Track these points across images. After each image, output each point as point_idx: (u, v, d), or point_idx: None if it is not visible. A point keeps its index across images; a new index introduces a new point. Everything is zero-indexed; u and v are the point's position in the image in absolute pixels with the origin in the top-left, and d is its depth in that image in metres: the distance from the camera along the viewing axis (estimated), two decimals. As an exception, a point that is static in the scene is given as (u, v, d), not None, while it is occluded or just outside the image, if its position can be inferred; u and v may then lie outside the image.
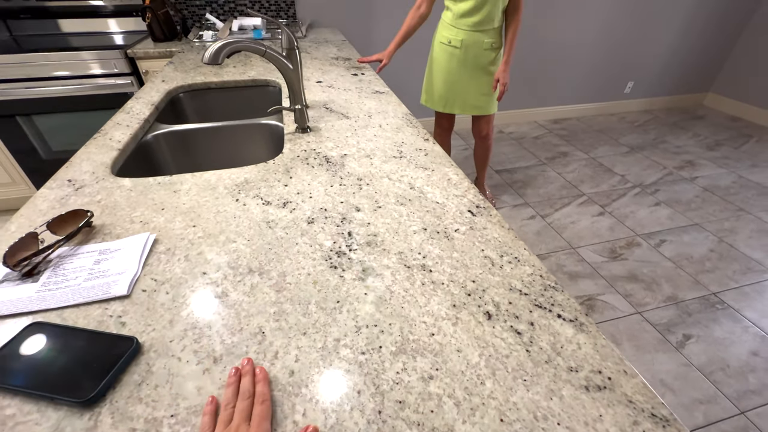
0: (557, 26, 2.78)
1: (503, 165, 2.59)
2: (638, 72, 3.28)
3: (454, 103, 1.75)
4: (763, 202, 2.24)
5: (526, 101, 3.15)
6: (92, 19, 1.95)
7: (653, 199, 2.26)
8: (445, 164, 0.79)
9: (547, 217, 2.09)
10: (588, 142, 2.94)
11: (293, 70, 0.91)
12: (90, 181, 0.72)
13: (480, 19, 1.50)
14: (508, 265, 0.54)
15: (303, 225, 0.61)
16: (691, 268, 1.76)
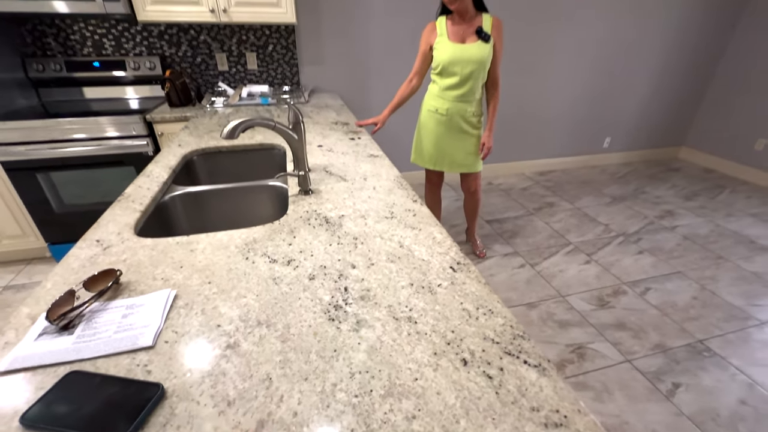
0: (539, 87, 3.08)
1: (493, 215, 2.73)
2: (614, 128, 3.56)
3: (443, 162, 1.92)
4: (741, 250, 2.35)
5: (513, 154, 3.38)
6: (113, 87, 2.16)
7: (636, 247, 2.37)
8: (431, 224, 0.90)
9: (536, 265, 2.17)
10: (573, 193, 3.12)
11: (298, 140, 1.04)
12: (116, 242, 0.81)
13: (463, 92, 1.71)
14: (483, 316, 0.62)
15: (305, 281, 0.70)
16: (676, 315, 1.82)
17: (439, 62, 1.67)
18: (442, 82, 1.72)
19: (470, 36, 1.62)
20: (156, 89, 2.21)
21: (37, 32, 2.01)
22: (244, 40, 2.30)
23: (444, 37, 1.64)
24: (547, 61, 2.97)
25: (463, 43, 1.62)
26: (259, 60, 2.38)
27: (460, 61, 1.62)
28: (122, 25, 2.10)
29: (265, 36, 2.32)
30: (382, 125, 1.83)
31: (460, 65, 1.63)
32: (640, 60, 3.23)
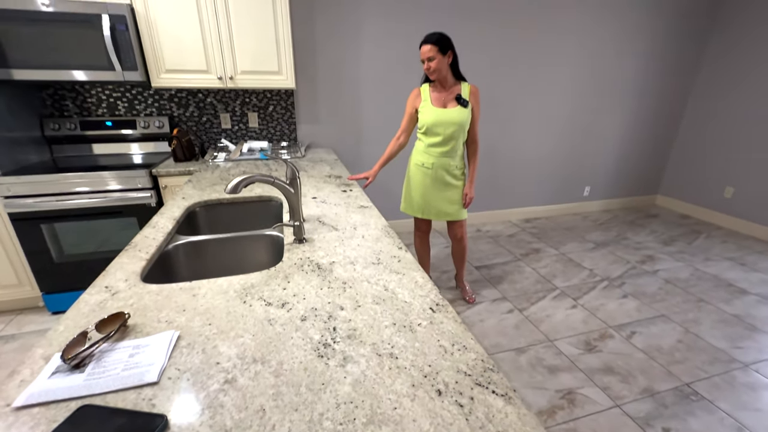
0: (522, 141, 3.34)
1: (482, 261, 2.81)
2: (593, 178, 3.79)
3: (430, 211, 2.06)
4: (720, 293, 2.44)
5: (500, 203, 3.55)
6: (121, 144, 2.32)
7: (621, 291, 2.44)
8: (414, 269, 0.99)
9: (524, 310, 2.22)
10: (557, 239, 3.24)
11: (294, 193, 1.16)
12: (123, 288, 0.88)
13: (446, 150, 1.90)
14: (458, 352, 0.69)
15: (297, 322, 0.77)
16: (662, 359, 1.85)
17: (424, 124, 1.87)
18: (427, 140, 1.92)
19: (450, 102, 1.84)
20: (162, 145, 2.38)
21: (57, 96, 2.21)
22: (247, 102, 2.53)
23: (427, 102, 1.86)
24: (528, 118, 3.26)
25: (445, 108, 1.84)
26: (260, 119, 2.59)
27: (442, 123, 1.83)
28: (136, 90, 2.31)
29: (267, 98, 2.56)
30: (372, 179, 1.98)
31: (442, 127, 1.83)
32: (611, 117, 3.55)
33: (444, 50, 1.72)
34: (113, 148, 2.31)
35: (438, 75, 1.76)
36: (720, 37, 3.45)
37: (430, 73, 1.77)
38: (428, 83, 1.89)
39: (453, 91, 1.84)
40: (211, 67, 2.11)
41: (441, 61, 1.73)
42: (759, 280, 2.59)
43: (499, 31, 2.88)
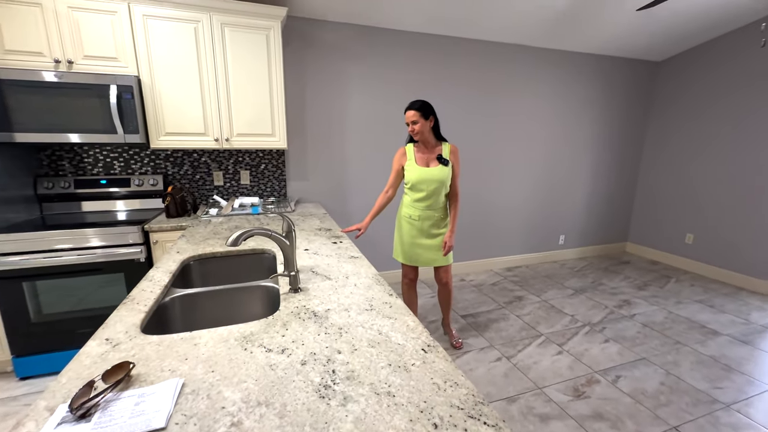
0: (497, 192, 3.57)
1: (467, 310, 2.86)
2: (566, 227, 4.03)
3: (417, 259, 2.17)
4: (695, 335, 2.54)
5: (482, 253, 3.68)
6: (113, 201, 2.37)
7: (602, 336, 2.51)
8: (405, 314, 1.05)
9: (512, 358, 2.24)
10: (538, 286, 3.35)
11: (289, 245, 1.23)
12: (124, 339, 0.90)
13: (430, 203, 2.08)
14: (450, 388, 0.74)
15: (298, 366, 0.81)
16: (648, 402, 1.88)
17: (409, 180, 2.06)
18: (413, 195, 2.09)
19: (433, 161, 2.04)
20: (154, 202, 2.44)
21: (54, 156, 2.29)
22: (240, 161, 2.67)
23: (412, 161, 2.05)
24: (505, 172, 3.53)
25: (428, 166, 2.03)
26: (252, 176, 2.72)
27: (425, 180, 2.01)
28: (134, 150, 2.43)
29: (259, 157, 2.71)
30: (364, 231, 2.09)
31: (426, 183, 2.02)
32: (578, 171, 3.88)
33: (426, 115, 1.95)
34: (105, 206, 2.35)
35: (421, 137, 1.99)
36: (660, 99, 3.96)
37: (414, 135, 1.98)
38: (413, 143, 2.09)
39: (435, 151, 2.05)
40: (209, 130, 2.27)
41: (424, 125, 1.95)
42: (728, 321, 2.73)
43: (476, 94, 3.23)
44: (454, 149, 2.08)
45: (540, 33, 3.11)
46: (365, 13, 2.65)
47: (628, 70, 3.84)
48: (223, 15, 2.14)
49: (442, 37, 3.03)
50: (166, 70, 2.12)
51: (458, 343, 2.34)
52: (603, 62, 3.69)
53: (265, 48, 2.27)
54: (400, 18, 2.74)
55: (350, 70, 2.84)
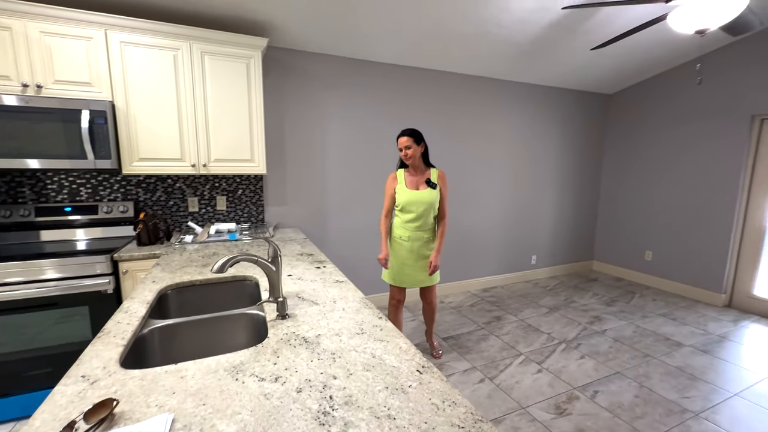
0: (472, 216, 3.68)
1: (448, 332, 2.87)
2: (537, 248, 4.20)
3: (405, 280, 2.28)
4: (661, 347, 2.68)
5: (460, 274, 3.74)
6: (78, 229, 2.24)
7: (578, 352, 2.59)
8: (397, 336, 1.06)
9: (494, 378, 2.26)
10: (514, 306, 3.43)
11: (275, 271, 1.22)
12: (102, 375, 0.85)
13: (419, 224, 2.20)
14: (449, 408, 0.75)
15: (293, 394, 0.79)
16: (625, 415, 1.94)
17: (400, 203, 2.17)
18: (403, 216, 2.20)
19: (422, 185, 2.17)
20: (124, 229, 2.33)
21: (14, 183, 2.15)
22: (216, 186, 2.62)
23: (402, 185, 2.18)
24: (479, 199, 3.66)
25: (417, 189, 2.16)
26: (229, 202, 2.68)
27: (415, 203, 2.14)
28: (103, 176, 2.33)
29: (236, 183, 2.68)
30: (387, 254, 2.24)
31: (415, 206, 2.14)
32: (546, 193, 4.10)
33: (418, 141, 2.12)
34: (68, 234, 2.21)
35: (413, 161, 2.13)
36: (614, 128, 4.32)
37: (407, 159, 2.12)
38: (403, 168, 2.22)
39: (424, 175, 2.20)
40: (186, 156, 2.23)
41: (416, 150, 2.11)
42: (689, 333, 2.90)
43: (448, 122, 3.39)
44: (441, 174, 2.23)
45: (505, 67, 3.35)
46: (343, 46, 2.77)
47: (584, 102, 4.18)
48: (204, 44, 2.17)
49: (417, 69, 3.20)
50: (142, 95, 2.09)
51: (438, 354, 2.50)
52: (563, 94, 4.01)
53: (245, 76, 2.30)
54: (376, 51, 2.87)
55: (330, 98, 2.92)
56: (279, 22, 2.40)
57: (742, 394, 2.14)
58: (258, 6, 2.22)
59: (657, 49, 3.22)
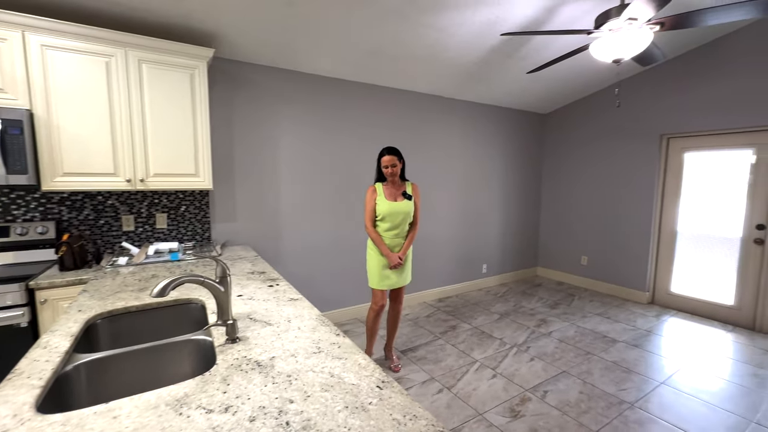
0: (429, 229, 3.77)
1: (406, 345, 2.87)
2: (488, 257, 4.39)
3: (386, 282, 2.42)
4: (599, 344, 2.90)
5: (416, 286, 3.79)
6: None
7: (528, 355, 2.72)
8: (355, 353, 1.04)
9: (452, 388, 2.29)
10: (468, 314, 3.54)
11: (224, 292, 1.15)
12: (13, 425, 0.73)
13: (397, 232, 2.41)
14: (410, 422, 0.75)
15: (246, 424, 0.74)
16: (572, 412, 2.06)
17: (380, 213, 2.36)
18: (383, 225, 2.39)
19: (399, 197, 2.38)
20: (43, 253, 2.06)
21: None
22: (156, 203, 2.43)
23: (382, 197, 2.37)
24: (433, 211, 3.77)
25: (395, 201, 2.37)
26: (170, 219, 2.49)
27: (394, 213, 2.34)
28: (16, 193, 2.06)
29: (179, 199, 2.50)
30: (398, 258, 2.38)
31: (394, 216, 2.35)
32: (493, 204, 4.33)
33: (400, 159, 2.35)
34: (-32, 261, 1.91)
35: (393, 177, 2.34)
36: (550, 145, 4.72)
37: (391, 175, 2.33)
38: (381, 182, 2.41)
39: (401, 188, 2.41)
40: (120, 170, 2.05)
41: (398, 167, 2.33)
42: (622, 329, 3.19)
43: (401, 137, 3.48)
44: (415, 186, 2.48)
45: (453, 86, 3.54)
46: (293, 60, 2.75)
47: (524, 120, 4.53)
48: (142, 51, 2.03)
49: (369, 85, 3.26)
50: (69, 104, 1.89)
51: (397, 368, 2.54)
52: (505, 113, 4.31)
53: (189, 86, 2.19)
54: (324, 66, 2.89)
55: (282, 112, 2.86)
56: (227, 33, 2.33)
57: (667, 382, 2.38)
58: (205, 16, 2.14)
59: (583, 75, 3.60)
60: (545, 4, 2.36)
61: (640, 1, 1.61)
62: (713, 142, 3.40)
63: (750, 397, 2.22)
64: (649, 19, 1.83)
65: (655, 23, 1.85)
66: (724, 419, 2.02)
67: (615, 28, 1.90)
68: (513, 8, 2.35)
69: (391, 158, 2.31)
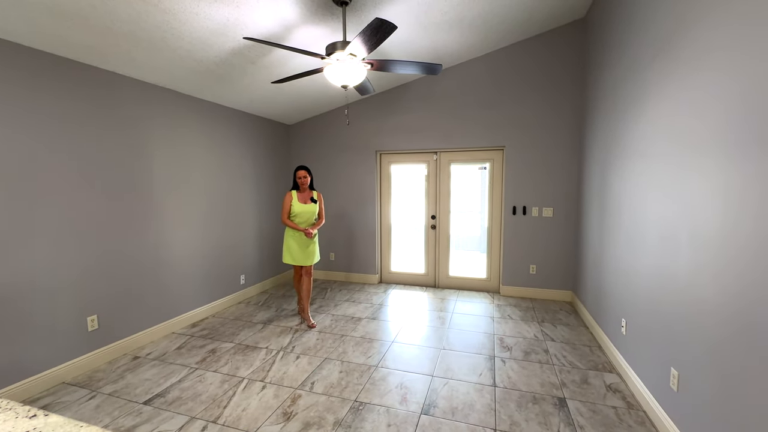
0: (169, 247, 3.14)
1: (150, 393, 2.31)
2: (244, 266, 4.21)
3: (300, 260, 3.35)
4: (350, 325, 3.41)
5: (155, 317, 3.10)
6: None
7: (294, 355, 2.83)
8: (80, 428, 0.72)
9: (219, 418, 2.04)
10: (230, 331, 3.27)
11: None
12: None
13: (307, 225, 3.36)
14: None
15: None
16: (335, 391, 2.32)
17: (294, 212, 3.32)
18: (296, 220, 3.35)
19: (308, 201, 3.37)
20: None
21: None
22: None
23: (296, 200, 3.33)
24: (174, 226, 3.16)
25: (305, 204, 3.35)
26: None
27: (304, 212, 3.35)
28: None
29: None
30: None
31: (304, 214, 3.35)
32: (243, 217, 4.18)
33: (310, 173, 3.39)
34: None
35: (305, 186, 3.34)
36: (296, 153, 5.10)
37: (302, 184, 3.34)
38: (295, 190, 3.38)
39: (309, 194, 3.41)
40: None
41: (308, 178, 3.36)
42: (364, 308, 3.89)
43: (130, 135, 2.72)
44: (319, 194, 3.50)
45: (192, 83, 3.15)
46: None
47: (270, 129, 4.66)
48: None
49: (62, 58, 2.37)
50: None
51: (312, 324, 3.38)
52: (252, 120, 4.27)
53: None
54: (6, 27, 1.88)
55: None
56: None
57: (396, 340, 3.10)
58: None
59: (321, 93, 4.10)
60: (283, 21, 2.51)
61: (357, 42, 2.01)
62: (405, 158, 4.73)
63: (438, 332, 3.25)
64: (364, 58, 2.31)
65: (368, 62, 2.36)
66: (427, 353, 2.85)
67: (341, 59, 2.27)
68: (252, 13, 2.36)
69: (304, 172, 3.35)
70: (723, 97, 1.45)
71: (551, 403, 2.18)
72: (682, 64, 1.75)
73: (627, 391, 2.29)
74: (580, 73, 3.78)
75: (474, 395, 2.27)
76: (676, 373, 1.76)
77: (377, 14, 2.68)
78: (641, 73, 2.23)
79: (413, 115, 4.48)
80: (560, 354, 2.81)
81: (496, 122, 4.15)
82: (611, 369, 2.56)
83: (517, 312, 3.74)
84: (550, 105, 3.95)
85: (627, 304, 2.42)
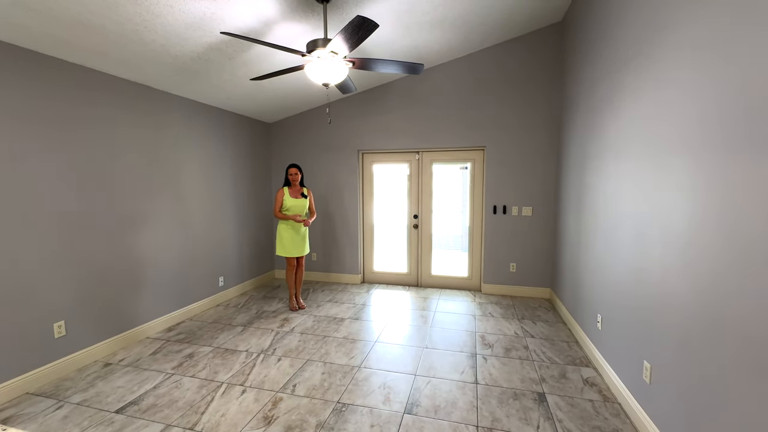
0: (142, 249, 3.01)
1: (123, 401, 2.22)
2: (224, 268, 4.10)
3: (294, 251, 3.68)
4: (333, 326, 3.38)
5: (128, 322, 2.98)
6: None
7: (275, 357, 2.77)
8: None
9: (196, 425, 1.98)
10: (208, 335, 3.18)
11: None
12: None
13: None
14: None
15: None
16: (318, 393, 2.28)
17: (286, 206, 3.61)
18: (288, 213, 3.63)
19: (299, 196, 3.68)
20: None
21: None
22: None
23: (287, 195, 3.63)
24: (150, 227, 3.04)
25: (297, 198, 3.66)
26: None
27: (295, 206, 3.65)
28: None
29: None
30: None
31: (295, 208, 3.65)
32: (223, 217, 4.07)
33: (300, 171, 3.70)
34: None
35: (296, 182, 3.65)
36: (278, 152, 5.01)
37: (293, 181, 3.65)
38: (287, 186, 3.67)
39: (299, 190, 3.69)
40: None
41: (299, 175, 3.67)
42: (347, 308, 3.85)
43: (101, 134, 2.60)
44: (309, 191, 3.81)
45: (166, 79, 3.04)
46: None
47: (250, 127, 4.56)
48: None
49: (20, 48, 2.24)
50: None
51: (303, 305, 3.85)
52: (231, 118, 4.16)
53: None
54: None
55: None
56: None
57: (378, 339, 3.09)
58: None
59: (301, 91, 4.04)
60: (262, 16, 2.46)
61: (338, 40, 1.99)
62: (387, 158, 4.72)
63: (421, 331, 3.26)
64: (345, 56, 2.28)
65: (349, 60, 2.34)
66: (410, 352, 2.86)
67: (322, 56, 2.24)
68: (230, 8, 2.29)
69: (295, 170, 3.67)
70: (691, 99, 1.51)
71: (531, 398, 2.22)
72: (654, 62, 1.82)
73: (603, 384, 2.36)
74: (559, 75, 3.88)
75: (456, 393, 2.28)
76: (649, 366, 1.83)
77: (359, 12, 2.66)
78: (616, 74, 2.30)
79: (395, 114, 4.48)
80: (539, 350, 2.86)
81: (478, 122, 4.20)
82: (588, 363, 2.64)
83: (498, 309, 3.80)
84: (530, 106, 4.03)
85: (602, 299, 2.49)
